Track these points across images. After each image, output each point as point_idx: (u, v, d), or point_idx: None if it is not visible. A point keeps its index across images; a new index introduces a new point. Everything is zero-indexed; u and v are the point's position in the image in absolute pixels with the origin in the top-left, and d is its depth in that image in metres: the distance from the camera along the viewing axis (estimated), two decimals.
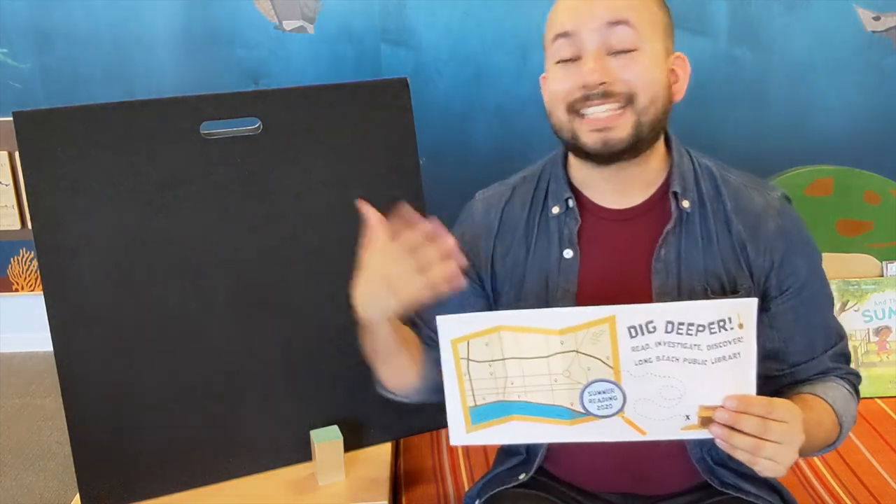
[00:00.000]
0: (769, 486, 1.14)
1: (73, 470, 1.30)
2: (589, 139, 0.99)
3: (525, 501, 1.12)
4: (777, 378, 1.10)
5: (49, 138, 1.23)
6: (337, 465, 1.35)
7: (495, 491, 1.15)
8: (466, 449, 1.59)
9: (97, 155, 1.25)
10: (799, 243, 1.07)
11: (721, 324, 0.87)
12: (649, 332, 0.88)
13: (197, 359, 1.34)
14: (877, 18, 2.23)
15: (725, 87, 2.28)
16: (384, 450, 1.45)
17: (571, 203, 1.08)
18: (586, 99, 0.97)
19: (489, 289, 1.13)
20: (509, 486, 1.15)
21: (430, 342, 1.12)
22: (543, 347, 0.91)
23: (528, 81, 2.31)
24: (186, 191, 1.30)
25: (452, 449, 1.59)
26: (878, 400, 1.73)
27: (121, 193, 1.27)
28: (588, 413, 0.92)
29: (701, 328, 0.87)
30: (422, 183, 1.43)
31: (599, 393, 0.92)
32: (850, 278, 1.75)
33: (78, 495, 1.31)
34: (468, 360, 0.93)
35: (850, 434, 1.59)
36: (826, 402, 1.04)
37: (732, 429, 0.88)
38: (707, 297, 1.04)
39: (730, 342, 0.88)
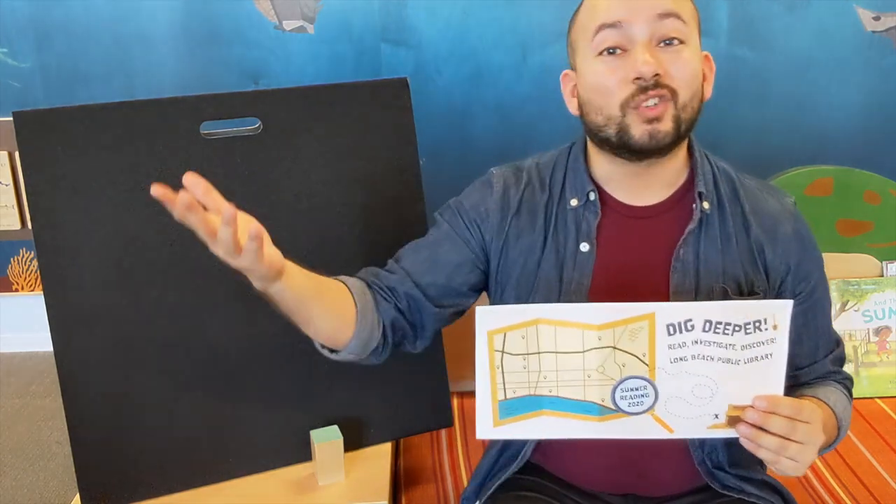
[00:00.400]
0: (770, 486, 1.14)
1: (73, 470, 1.30)
2: (638, 131, 0.97)
3: (526, 503, 1.11)
4: None
5: (49, 138, 1.23)
6: (337, 465, 1.35)
7: (493, 490, 1.15)
8: (466, 449, 1.59)
9: (97, 155, 1.25)
10: (811, 248, 1.10)
11: (757, 324, 0.89)
12: (687, 330, 0.89)
13: (197, 359, 1.34)
14: (877, 18, 2.23)
15: (726, 86, 2.27)
16: (384, 450, 1.45)
17: (593, 196, 1.07)
18: (641, 91, 0.96)
19: (494, 265, 1.12)
20: (504, 477, 1.14)
21: (408, 298, 1.11)
22: (580, 342, 0.91)
23: (527, 80, 2.30)
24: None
25: (452, 449, 1.59)
26: (878, 400, 1.73)
27: (121, 193, 1.27)
28: (618, 409, 0.93)
29: (738, 328, 0.89)
30: (422, 183, 1.43)
31: (632, 390, 0.92)
32: (850, 278, 1.75)
33: (78, 495, 1.31)
34: (503, 352, 0.93)
35: (850, 434, 1.60)
36: (828, 405, 1.06)
37: (760, 428, 0.89)
38: (728, 298, 1.05)
39: (763, 343, 0.89)
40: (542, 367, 0.93)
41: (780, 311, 0.89)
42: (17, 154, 1.82)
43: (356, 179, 1.39)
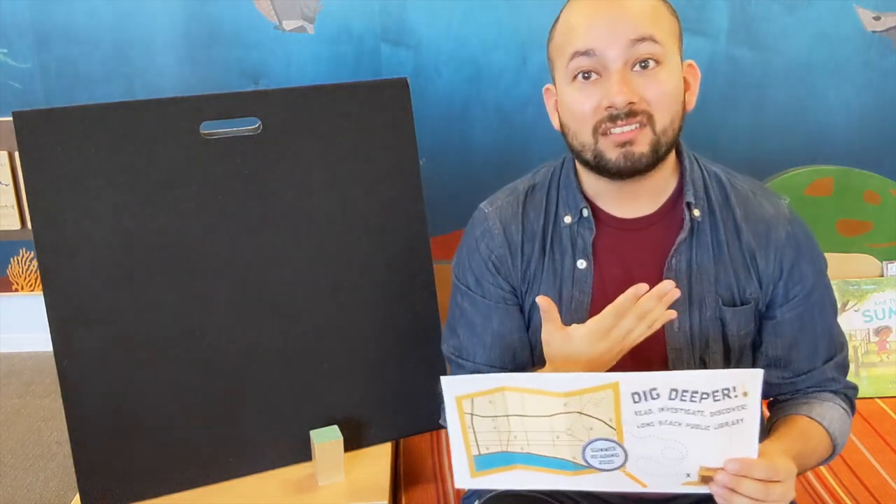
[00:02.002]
0: None
1: (73, 470, 1.30)
2: (612, 155, 0.98)
3: (525, 502, 1.11)
4: (777, 385, 1.11)
5: (49, 138, 1.23)
6: (337, 465, 1.35)
7: (494, 491, 1.15)
8: None
9: (97, 155, 1.25)
10: (807, 250, 1.08)
11: (725, 392, 0.87)
12: (653, 398, 0.88)
13: (197, 359, 1.34)
14: (877, 18, 2.23)
15: (725, 87, 2.27)
16: (384, 450, 1.45)
17: (586, 213, 1.07)
18: (612, 119, 0.96)
19: (521, 300, 1.13)
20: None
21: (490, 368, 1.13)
22: (547, 407, 0.91)
23: (527, 81, 2.30)
24: (186, 190, 1.30)
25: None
26: (878, 400, 1.73)
27: (121, 193, 1.27)
28: (590, 466, 0.93)
29: (705, 395, 0.87)
30: (422, 183, 1.43)
31: (602, 450, 0.92)
32: (850, 278, 1.75)
33: (78, 495, 1.31)
34: (472, 414, 0.94)
35: (851, 434, 1.59)
36: (822, 426, 1.05)
37: (734, 490, 0.88)
38: (720, 308, 1.05)
39: (733, 409, 0.87)
40: (511, 427, 0.93)
41: (749, 380, 0.87)
42: (17, 154, 1.82)
43: (356, 179, 1.39)
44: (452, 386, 0.93)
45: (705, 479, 0.90)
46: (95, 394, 1.29)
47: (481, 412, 0.93)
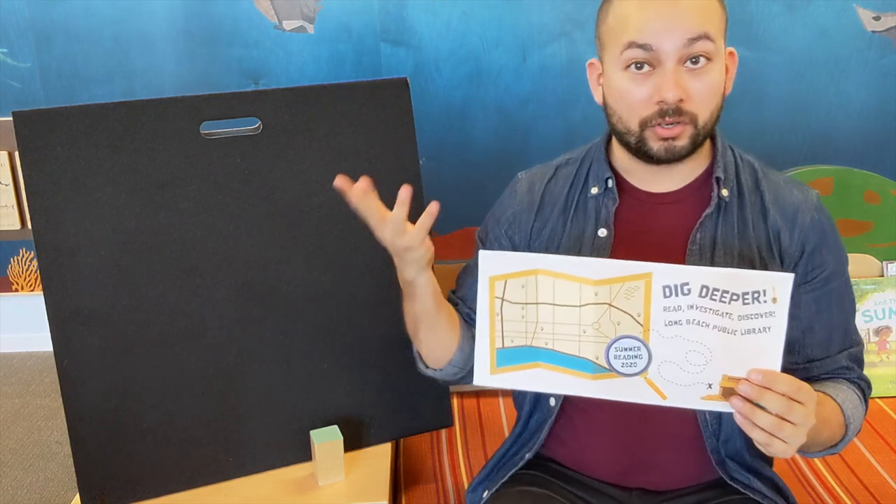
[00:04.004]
0: (774, 485, 1.14)
1: (73, 470, 1.30)
2: (655, 146, 1.00)
3: (530, 499, 1.12)
4: (791, 371, 1.09)
5: (49, 138, 1.23)
6: (337, 465, 1.35)
7: (500, 484, 1.15)
8: (466, 449, 1.59)
9: (97, 155, 1.25)
10: (831, 240, 1.09)
11: (755, 295, 0.87)
12: (683, 294, 0.88)
13: (197, 358, 1.34)
14: (877, 18, 2.23)
15: None
16: (384, 450, 1.45)
17: (611, 183, 1.09)
18: (661, 115, 0.98)
19: None
20: (515, 469, 1.15)
21: (468, 319, 1.15)
22: (577, 296, 0.92)
23: (527, 80, 2.31)
24: (186, 190, 1.30)
25: (452, 449, 1.59)
26: (878, 400, 1.73)
27: (120, 193, 1.27)
28: (612, 369, 0.93)
29: (735, 297, 0.87)
30: (422, 183, 1.43)
31: (626, 350, 0.92)
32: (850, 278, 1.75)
33: (78, 495, 1.31)
34: (503, 299, 0.94)
35: None
36: (836, 401, 1.04)
37: (754, 405, 0.87)
38: None
39: (762, 315, 0.88)
40: (539, 318, 0.94)
41: (780, 284, 0.87)
42: (17, 154, 1.82)
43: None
44: (488, 261, 0.94)
45: (726, 393, 0.89)
46: (95, 393, 1.29)
47: (512, 297, 0.94)
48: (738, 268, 1.04)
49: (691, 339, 0.90)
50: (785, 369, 1.09)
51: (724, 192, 1.06)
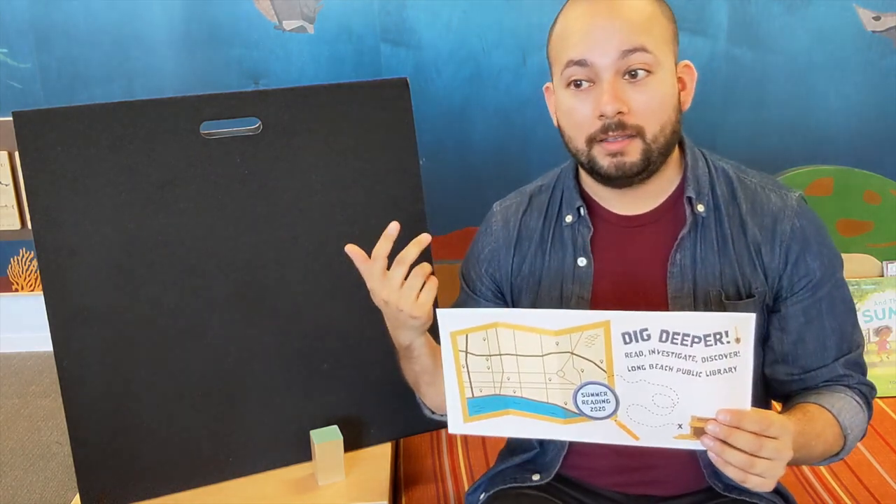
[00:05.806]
0: (773, 489, 1.13)
1: (73, 470, 1.30)
2: (604, 163, 0.99)
3: (528, 501, 1.11)
4: (787, 382, 1.09)
5: (49, 138, 1.23)
6: (337, 465, 1.35)
7: (499, 489, 1.15)
8: (467, 449, 1.59)
9: (97, 155, 1.25)
10: (815, 244, 1.06)
11: (717, 336, 0.86)
12: (644, 339, 0.88)
13: (196, 358, 1.34)
14: (877, 18, 2.23)
15: (725, 87, 2.28)
16: (384, 450, 1.45)
17: (583, 212, 1.08)
18: (604, 130, 0.98)
19: (510, 300, 1.15)
20: (521, 485, 1.14)
21: None
22: (538, 346, 0.92)
23: (527, 81, 2.31)
24: (186, 191, 1.30)
25: (452, 449, 1.59)
26: (878, 400, 1.72)
27: (120, 193, 1.27)
28: (581, 413, 0.93)
29: (697, 339, 0.86)
30: (422, 183, 1.43)
31: (593, 395, 0.92)
32: (850, 278, 1.74)
33: (78, 495, 1.31)
34: (466, 352, 0.94)
35: None
36: (831, 413, 1.03)
37: (725, 443, 0.86)
38: (722, 302, 1.04)
39: (726, 356, 0.86)
40: (504, 368, 0.94)
41: (742, 324, 0.85)
42: (17, 154, 1.82)
43: (356, 179, 1.39)
44: (447, 319, 0.94)
45: (697, 432, 0.89)
46: (95, 393, 1.29)
47: (475, 350, 0.94)
48: (721, 287, 1.04)
49: (656, 382, 0.89)
50: (782, 380, 1.09)
51: (700, 208, 1.05)
